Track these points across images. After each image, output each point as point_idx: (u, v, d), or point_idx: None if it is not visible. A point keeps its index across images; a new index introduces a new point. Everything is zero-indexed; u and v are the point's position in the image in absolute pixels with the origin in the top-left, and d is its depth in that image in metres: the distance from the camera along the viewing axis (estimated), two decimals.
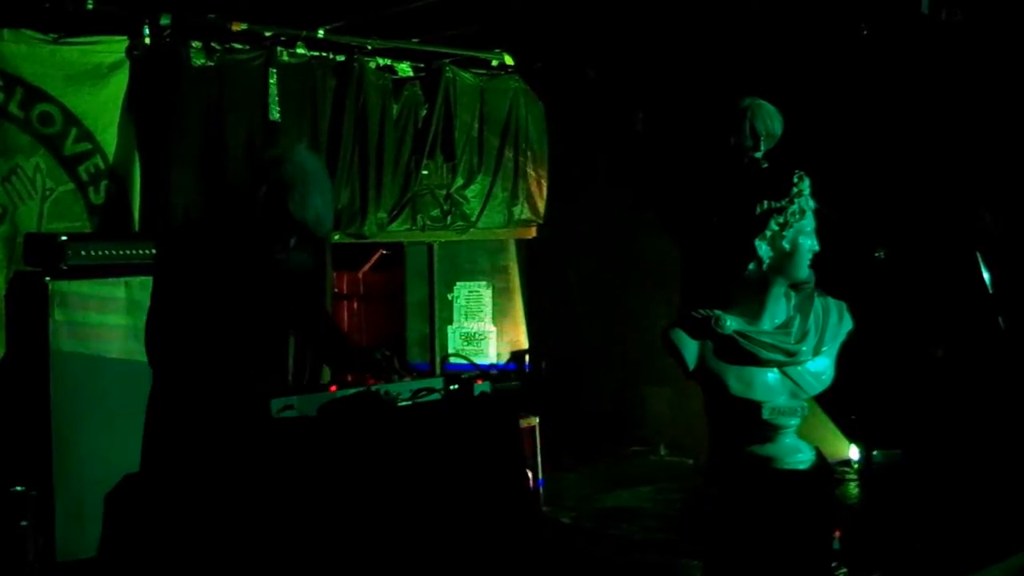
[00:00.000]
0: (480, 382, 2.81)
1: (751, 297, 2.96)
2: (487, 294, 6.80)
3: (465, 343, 6.73)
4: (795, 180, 2.88)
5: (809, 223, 2.90)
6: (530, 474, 4.45)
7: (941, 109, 4.46)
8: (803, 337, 2.94)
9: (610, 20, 5.32)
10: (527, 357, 6.76)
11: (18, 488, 4.09)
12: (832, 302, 3.05)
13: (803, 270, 2.93)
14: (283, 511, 2.53)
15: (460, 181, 6.29)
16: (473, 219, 6.38)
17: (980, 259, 4.46)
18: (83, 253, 4.25)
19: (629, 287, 6.37)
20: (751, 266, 2.89)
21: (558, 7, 5.28)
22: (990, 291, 4.49)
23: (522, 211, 6.58)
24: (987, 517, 4.25)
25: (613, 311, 6.49)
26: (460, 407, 2.75)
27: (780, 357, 2.93)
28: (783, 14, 4.48)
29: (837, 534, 3.92)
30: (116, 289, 4.30)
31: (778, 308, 2.98)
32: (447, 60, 6.08)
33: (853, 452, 5.54)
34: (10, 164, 4.69)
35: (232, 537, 2.59)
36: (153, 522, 3.02)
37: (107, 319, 4.29)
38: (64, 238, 4.30)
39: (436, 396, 2.76)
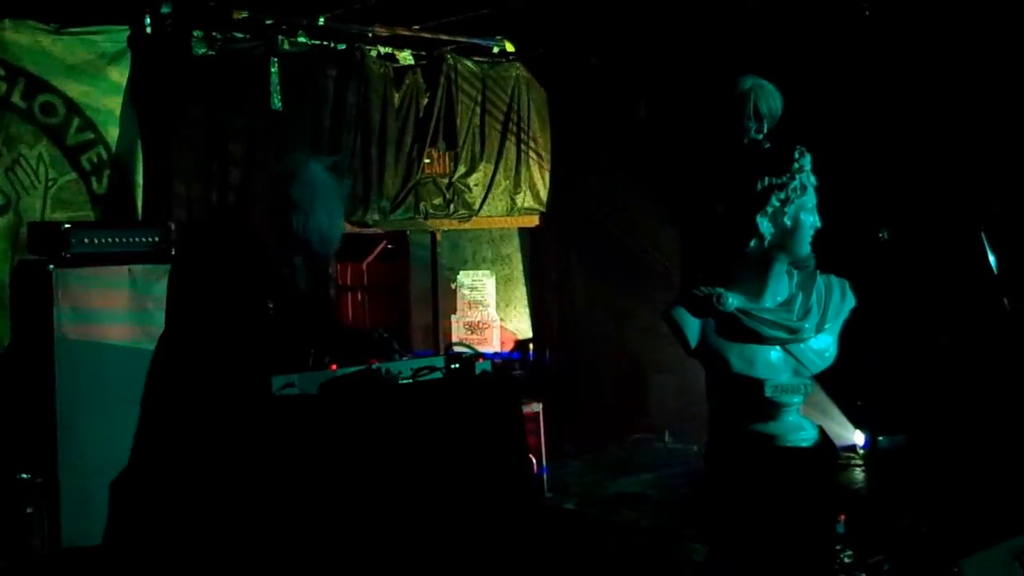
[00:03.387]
0: (481, 361, 2.81)
1: (753, 275, 2.94)
2: (490, 283, 6.80)
3: (469, 332, 6.73)
4: (796, 156, 2.86)
5: (810, 199, 2.88)
6: (532, 459, 4.45)
7: (945, 90, 4.44)
8: (805, 314, 2.93)
9: (612, 6, 5.30)
10: (531, 346, 6.76)
11: (23, 476, 4.10)
12: (834, 280, 3.03)
13: (805, 246, 2.91)
14: (285, 488, 2.53)
15: (463, 169, 6.29)
16: (476, 207, 6.37)
17: (985, 240, 4.44)
18: (86, 241, 4.26)
19: (633, 275, 6.36)
20: (752, 243, 2.87)
21: None
22: (995, 273, 4.47)
23: (525, 199, 6.58)
24: (990, 499, 4.24)
25: (617, 299, 6.48)
26: (461, 385, 2.75)
27: (782, 334, 2.91)
28: None
29: (842, 518, 3.92)
30: (119, 276, 4.31)
31: (780, 285, 2.96)
32: (448, 48, 6.07)
33: (858, 437, 5.53)
34: (13, 154, 4.70)
35: (235, 515, 2.59)
36: (158, 505, 3.03)
37: (111, 306, 4.30)
38: (67, 226, 4.31)
39: (437, 375, 2.76)
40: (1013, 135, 4.56)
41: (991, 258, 4.59)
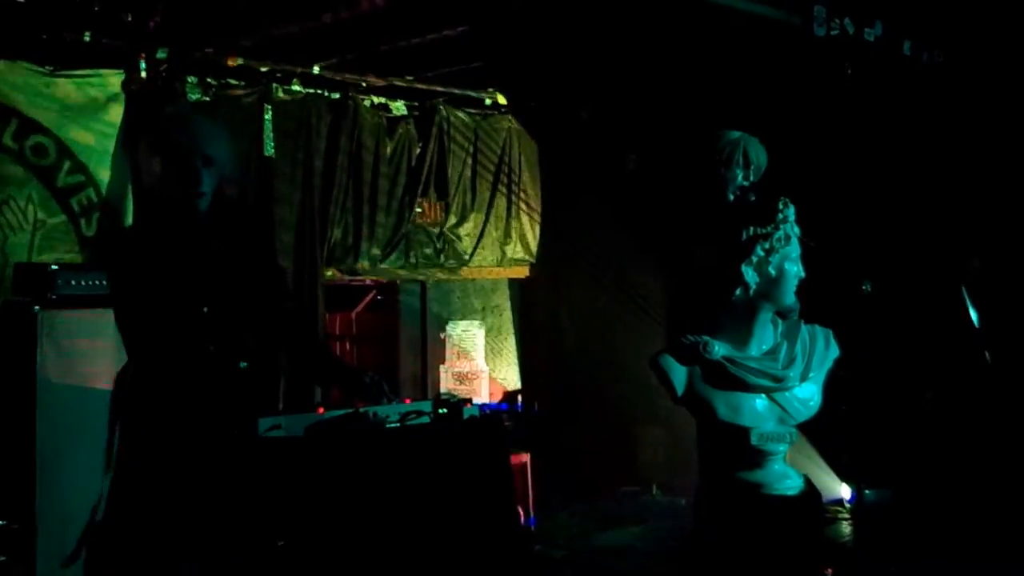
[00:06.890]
0: (469, 405, 2.80)
1: (738, 323, 2.97)
2: (480, 333, 6.78)
3: (458, 382, 6.70)
4: (780, 207, 2.92)
5: (794, 249, 2.93)
6: (520, 511, 4.40)
7: (927, 145, 4.54)
8: (790, 363, 2.95)
9: (603, 61, 5.41)
10: (519, 397, 6.73)
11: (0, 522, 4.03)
12: (819, 329, 3.07)
13: (789, 296, 2.95)
14: (269, 533, 2.49)
15: (453, 219, 6.33)
16: (466, 258, 6.40)
17: (966, 294, 4.49)
18: (72, 283, 4.22)
19: (622, 327, 6.36)
20: (738, 292, 2.91)
21: (551, 48, 5.37)
22: (976, 326, 4.52)
23: (515, 250, 6.61)
24: (977, 551, 4.22)
25: (605, 350, 6.47)
26: (449, 430, 2.73)
27: (768, 383, 2.93)
28: (772, 55, 4.57)
29: (829, 572, 3.88)
30: (105, 320, 4.25)
31: (765, 334, 2.99)
32: (441, 99, 6.16)
33: (845, 491, 5.50)
34: (2, 195, 4.70)
35: (218, 559, 2.55)
36: (137, 551, 2.96)
37: (96, 349, 4.25)
38: (54, 267, 4.28)
39: (424, 419, 2.75)
40: (994, 190, 4.64)
41: (972, 312, 4.63)
